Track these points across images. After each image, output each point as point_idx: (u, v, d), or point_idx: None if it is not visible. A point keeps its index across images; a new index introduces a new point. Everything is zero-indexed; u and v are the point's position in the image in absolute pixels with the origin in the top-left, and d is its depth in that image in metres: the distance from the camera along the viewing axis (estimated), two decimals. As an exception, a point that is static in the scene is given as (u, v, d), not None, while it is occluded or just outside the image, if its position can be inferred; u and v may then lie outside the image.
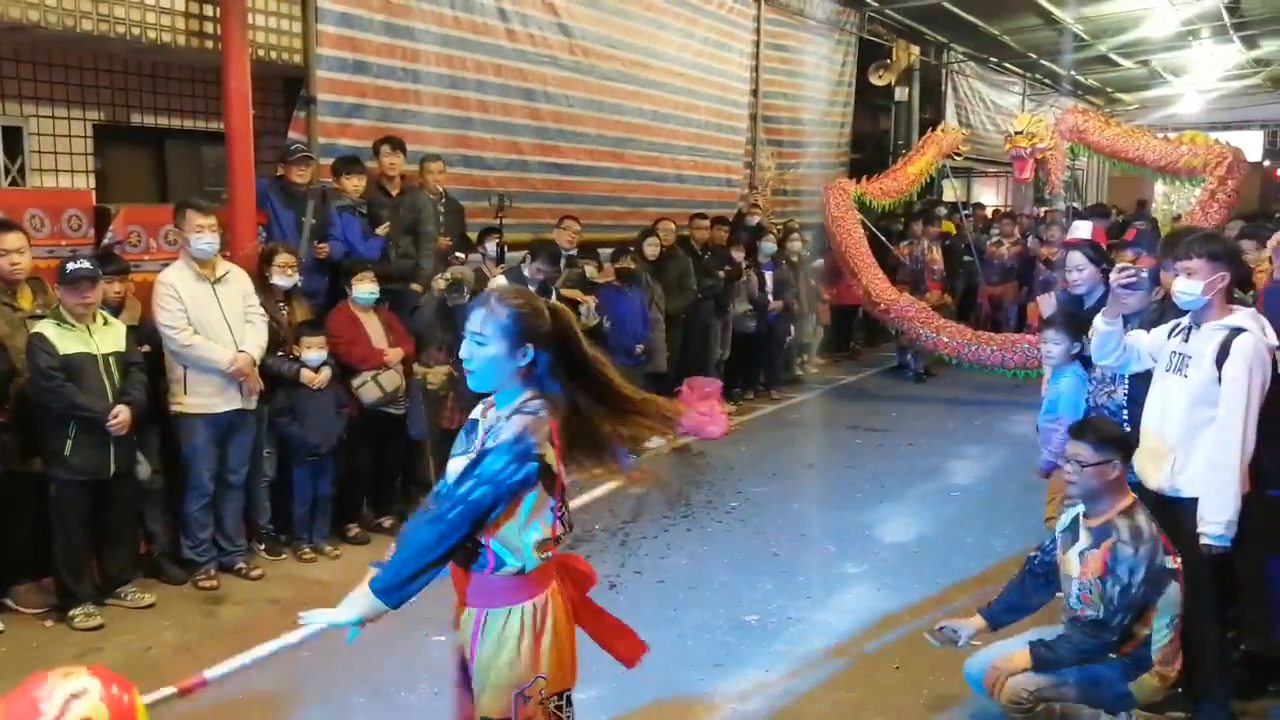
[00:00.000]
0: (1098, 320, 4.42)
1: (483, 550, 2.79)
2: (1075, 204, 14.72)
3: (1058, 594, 4.14)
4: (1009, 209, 18.01)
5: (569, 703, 3.01)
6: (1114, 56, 19.33)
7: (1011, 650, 4.02)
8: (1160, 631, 3.85)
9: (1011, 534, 6.76)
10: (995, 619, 4.19)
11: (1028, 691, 3.89)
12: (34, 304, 5.39)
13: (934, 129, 13.60)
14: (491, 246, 8.02)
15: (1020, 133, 11.34)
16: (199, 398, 5.71)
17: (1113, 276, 4.26)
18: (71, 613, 5.23)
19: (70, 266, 5.12)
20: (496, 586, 2.83)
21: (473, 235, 8.26)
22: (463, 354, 2.82)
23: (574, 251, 8.66)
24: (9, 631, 5.13)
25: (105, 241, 5.99)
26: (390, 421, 6.65)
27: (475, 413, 2.95)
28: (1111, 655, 3.87)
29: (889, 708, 4.55)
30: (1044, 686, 3.89)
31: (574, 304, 7.79)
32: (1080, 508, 4.05)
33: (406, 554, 2.72)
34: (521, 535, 2.79)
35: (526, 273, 7.60)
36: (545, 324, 2.82)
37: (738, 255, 10.57)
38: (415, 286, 7.35)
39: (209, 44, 6.87)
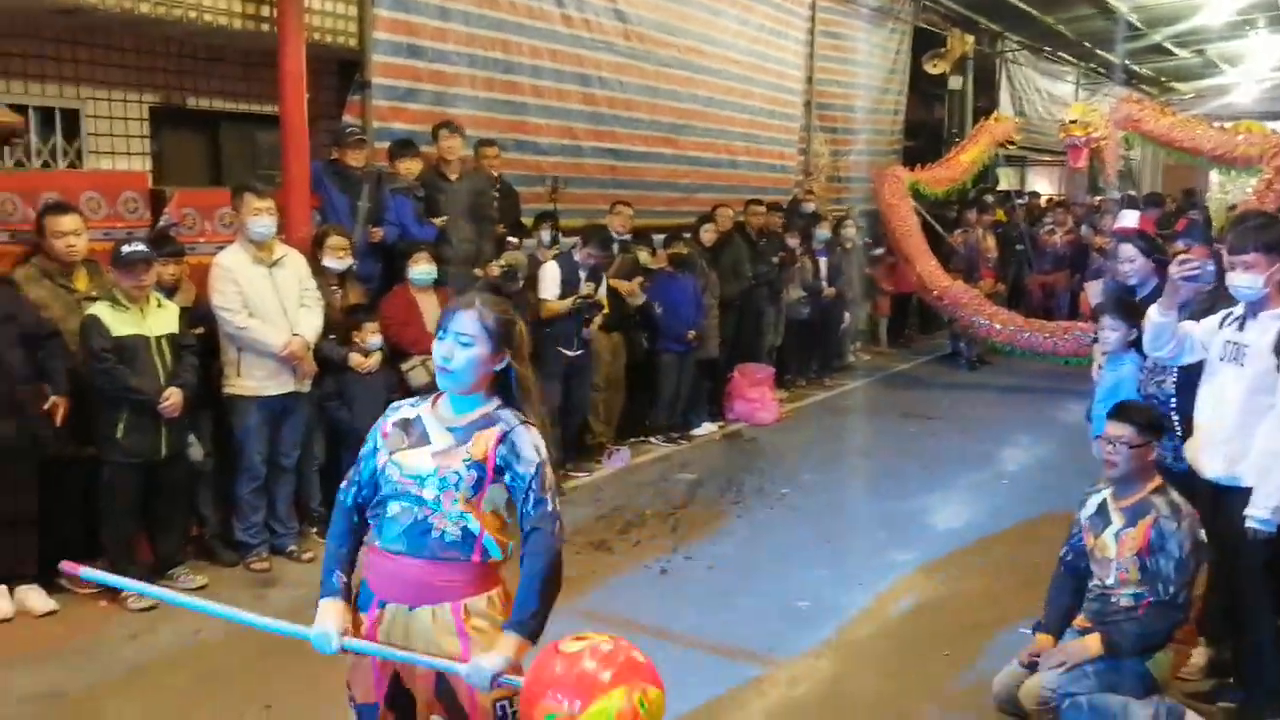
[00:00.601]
0: (1153, 311, 4.34)
1: (472, 543, 2.74)
2: (1130, 192, 14.49)
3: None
4: (1062, 198, 17.76)
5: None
6: (1169, 45, 18.99)
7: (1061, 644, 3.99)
8: None
9: (1062, 523, 6.59)
10: (1057, 630, 4.15)
11: (1050, 690, 3.85)
12: (89, 286, 5.43)
13: (987, 118, 13.43)
14: (546, 234, 8.02)
15: (1075, 121, 11.16)
16: (252, 380, 5.74)
17: (1173, 268, 4.17)
18: (124, 593, 5.27)
19: (125, 249, 5.16)
20: (475, 574, 2.77)
21: (528, 221, 8.26)
22: (443, 353, 2.77)
23: (627, 237, 8.62)
24: (64, 611, 5.18)
25: (160, 224, 6.03)
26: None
27: (408, 410, 2.87)
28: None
29: (938, 694, 4.49)
30: (1065, 682, 3.86)
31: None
32: (1106, 492, 4.08)
33: (549, 590, 2.73)
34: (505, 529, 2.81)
35: (577, 257, 7.57)
36: (521, 338, 2.85)
37: (792, 242, 10.50)
38: (476, 271, 7.35)
39: (264, 27, 6.90)
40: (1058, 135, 11.98)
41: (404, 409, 2.90)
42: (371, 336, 6.16)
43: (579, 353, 7.49)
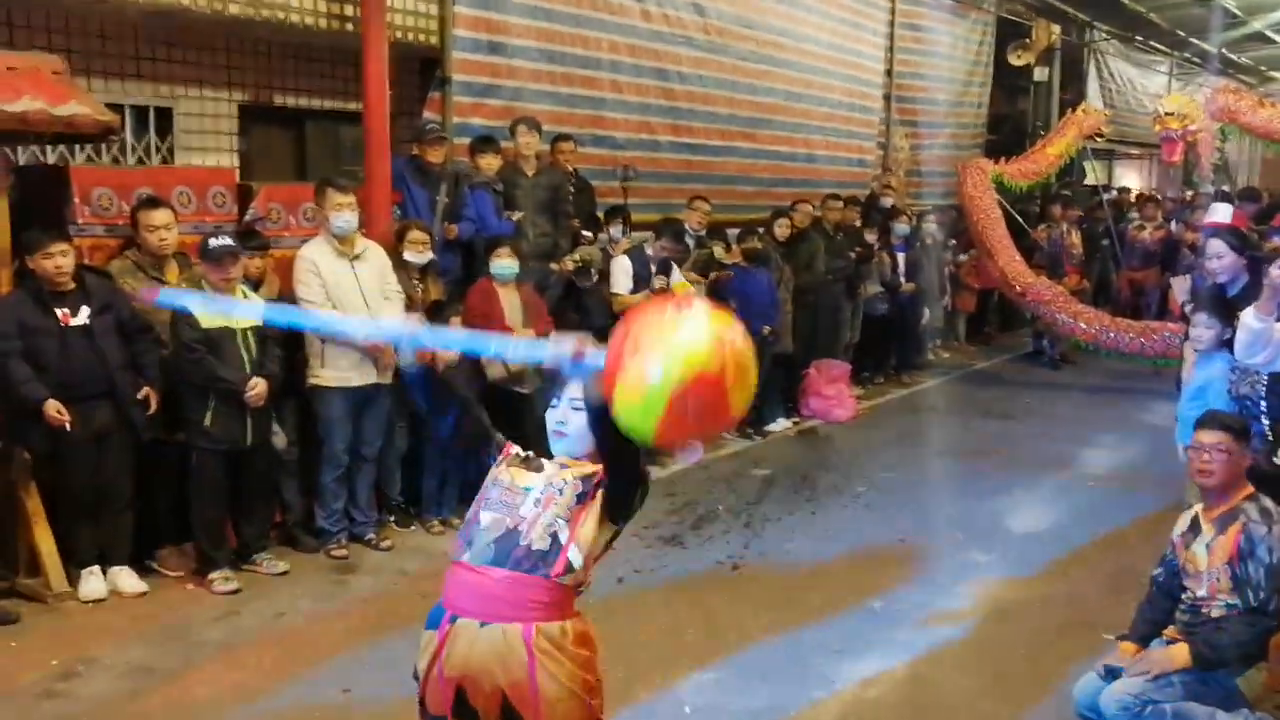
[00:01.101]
0: (1248, 315, 4.21)
1: (557, 554, 2.73)
2: (1224, 187, 14.08)
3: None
4: (1152, 192, 17.33)
5: None
6: (1269, 33, 18.41)
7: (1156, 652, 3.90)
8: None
9: (1148, 527, 6.50)
10: (1142, 642, 4.06)
11: (1132, 696, 3.75)
12: (180, 278, 5.60)
13: (1074, 110, 13.16)
14: (617, 228, 8.03)
15: (1171, 113, 10.85)
16: (336, 371, 5.86)
17: (1273, 271, 4.04)
18: (210, 576, 5.43)
19: (212, 243, 5.30)
20: (552, 596, 2.74)
21: (603, 216, 8.30)
22: (558, 417, 2.82)
23: (703, 232, 8.61)
24: (153, 593, 5.36)
25: (247, 218, 6.17)
26: (518, 399, 6.71)
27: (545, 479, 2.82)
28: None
29: (1015, 697, 4.43)
30: (1149, 689, 3.76)
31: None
32: (1198, 506, 3.99)
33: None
34: (600, 548, 2.80)
35: (650, 251, 7.58)
36: None
37: (870, 237, 10.40)
38: (554, 266, 7.40)
39: (349, 26, 7.03)
40: (1152, 128, 11.67)
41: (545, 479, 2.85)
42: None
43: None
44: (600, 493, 2.78)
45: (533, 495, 2.79)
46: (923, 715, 4.29)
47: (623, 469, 2.74)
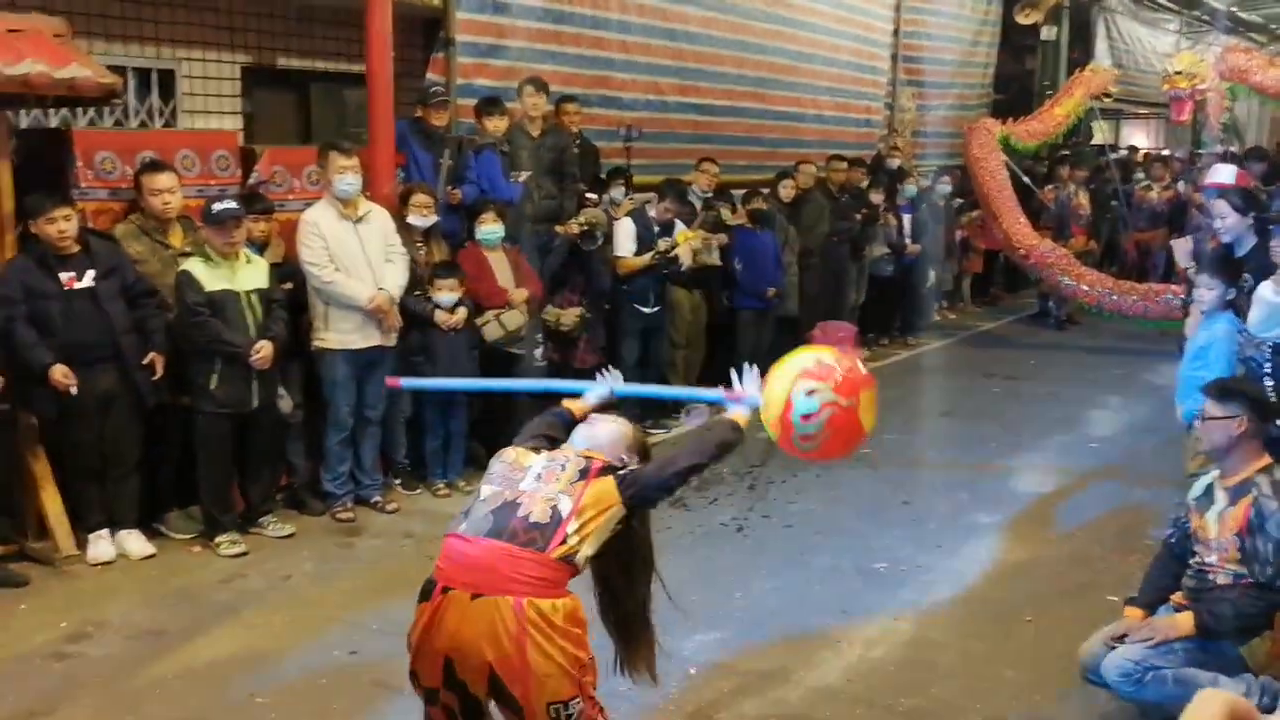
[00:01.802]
0: (1265, 289, 4.16)
1: (556, 528, 2.75)
2: (1233, 148, 13.95)
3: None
4: (1159, 152, 17.19)
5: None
6: (1280, -11, 18.19)
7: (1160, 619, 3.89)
8: None
9: (1152, 488, 6.52)
10: (1149, 607, 4.03)
11: (1133, 662, 3.75)
12: (184, 242, 5.59)
13: (1083, 69, 13.04)
14: (618, 191, 7.96)
15: (1180, 73, 10.77)
16: (339, 334, 5.86)
17: None
18: (217, 540, 5.45)
19: (216, 206, 5.28)
20: (547, 572, 2.74)
21: (605, 177, 8.25)
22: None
23: (710, 195, 8.57)
24: (160, 556, 5.39)
25: (251, 181, 6.15)
26: (513, 360, 6.71)
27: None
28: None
29: (1020, 659, 4.45)
30: (1150, 655, 3.75)
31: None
32: (1215, 472, 3.94)
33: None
34: (602, 533, 2.83)
35: (653, 213, 7.54)
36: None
37: (876, 198, 10.34)
38: (559, 228, 7.37)
39: (352, -14, 6.97)
40: (1161, 87, 11.58)
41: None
42: (448, 293, 6.20)
43: (655, 309, 7.47)
44: (608, 473, 2.83)
45: (534, 471, 2.84)
46: (928, 676, 4.31)
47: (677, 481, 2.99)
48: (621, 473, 2.89)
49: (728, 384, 3.19)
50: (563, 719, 2.75)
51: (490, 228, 6.58)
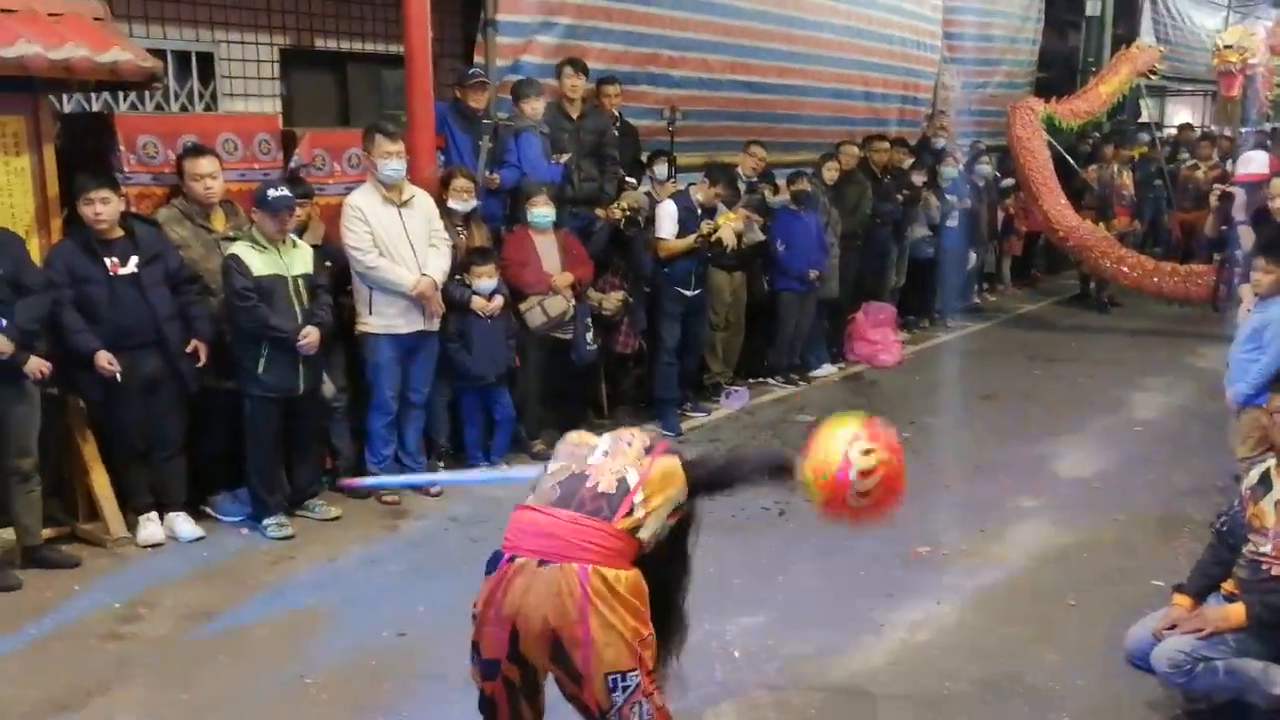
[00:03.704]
0: None
1: (622, 498, 2.83)
2: (1267, 126, 13.67)
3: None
4: (1206, 129, 16.89)
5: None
6: (1333, -38, 17.82)
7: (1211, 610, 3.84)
8: None
9: (1197, 472, 6.46)
10: (1199, 595, 3.97)
11: (1183, 653, 3.71)
12: (226, 226, 5.61)
13: (1128, 46, 12.83)
14: (661, 169, 7.93)
15: (1230, 47, 10.58)
16: (383, 318, 5.88)
17: None
18: (265, 522, 5.50)
19: (271, 193, 5.28)
20: (612, 542, 2.82)
21: (646, 158, 8.20)
22: None
23: (756, 178, 8.52)
24: (209, 538, 5.46)
25: (292, 165, 6.16)
26: (559, 344, 6.73)
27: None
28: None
29: (1063, 644, 4.42)
30: (1200, 646, 3.71)
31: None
32: (1270, 461, 3.87)
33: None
34: (662, 514, 2.90)
35: (698, 196, 7.50)
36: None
37: (918, 179, 10.24)
38: (600, 212, 7.35)
39: (390, -33, 6.97)
40: (1210, 62, 11.39)
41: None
42: (485, 279, 6.21)
43: (696, 292, 7.45)
44: (673, 454, 2.93)
45: (601, 448, 2.92)
46: (971, 660, 4.30)
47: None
48: (689, 457, 2.98)
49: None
50: (620, 689, 2.80)
51: (542, 210, 6.58)
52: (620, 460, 2.90)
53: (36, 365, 4.81)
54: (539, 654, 2.85)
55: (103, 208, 5.07)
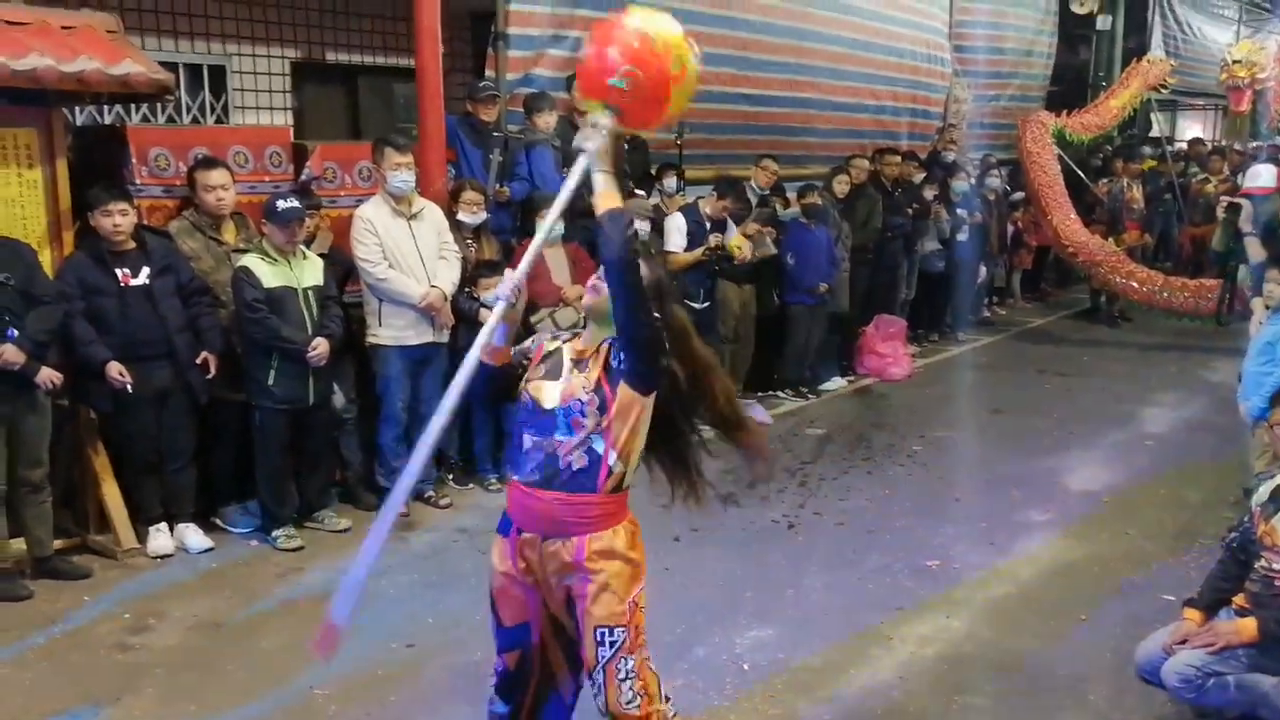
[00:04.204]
0: None
1: (598, 467, 2.90)
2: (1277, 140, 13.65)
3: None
4: (1217, 144, 16.88)
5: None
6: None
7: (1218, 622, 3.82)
8: None
9: (1209, 486, 6.44)
10: (1210, 610, 3.95)
11: (1194, 669, 3.69)
12: (237, 238, 5.64)
13: (1139, 60, 12.83)
14: (670, 182, 7.95)
15: (1239, 61, 10.58)
16: (393, 330, 5.89)
17: None
18: (274, 533, 5.51)
19: (281, 205, 5.31)
20: (601, 509, 2.94)
21: (655, 171, 8.22)
22: (592, 282, 3.02)
23: (767, 191, 8.51)
24: (219, 549, 5.46)
25: (303, 177, 6.18)
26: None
27: (553, 343, 3.17)
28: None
29: (1074, 658, 4.40)
30: (1211, 661, 3.69)
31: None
32: (1279, 476, 3.85)
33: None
34: (637, 436, 2.95)
35: (707, 209, 7.51)
36: (667, 289, 3.10)
37: (929, 193, 10.24)
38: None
39: (400, -20, 7.01)
40: (1219, 77, 11.38)
41: (554, 339, 3.17)
42: (491, 292, 6.20)
43: (704, 305, 7.45)
44: (611, 375, 2.91)
45: (560, 421, 2.94)
46: (981, 673, 4.27)
47: (637, 329, 2.86)
48: (617, 367, 2.93)
49: None
50: (606, 644, 2.93)
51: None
52: (581, 433, 2.90)
53: (47, 375, 4.83)
54: (560, 610, 3.06)
55: (121, 219, 5.10)
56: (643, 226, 6.95)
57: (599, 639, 2.94)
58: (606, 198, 2.86)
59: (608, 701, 2.96)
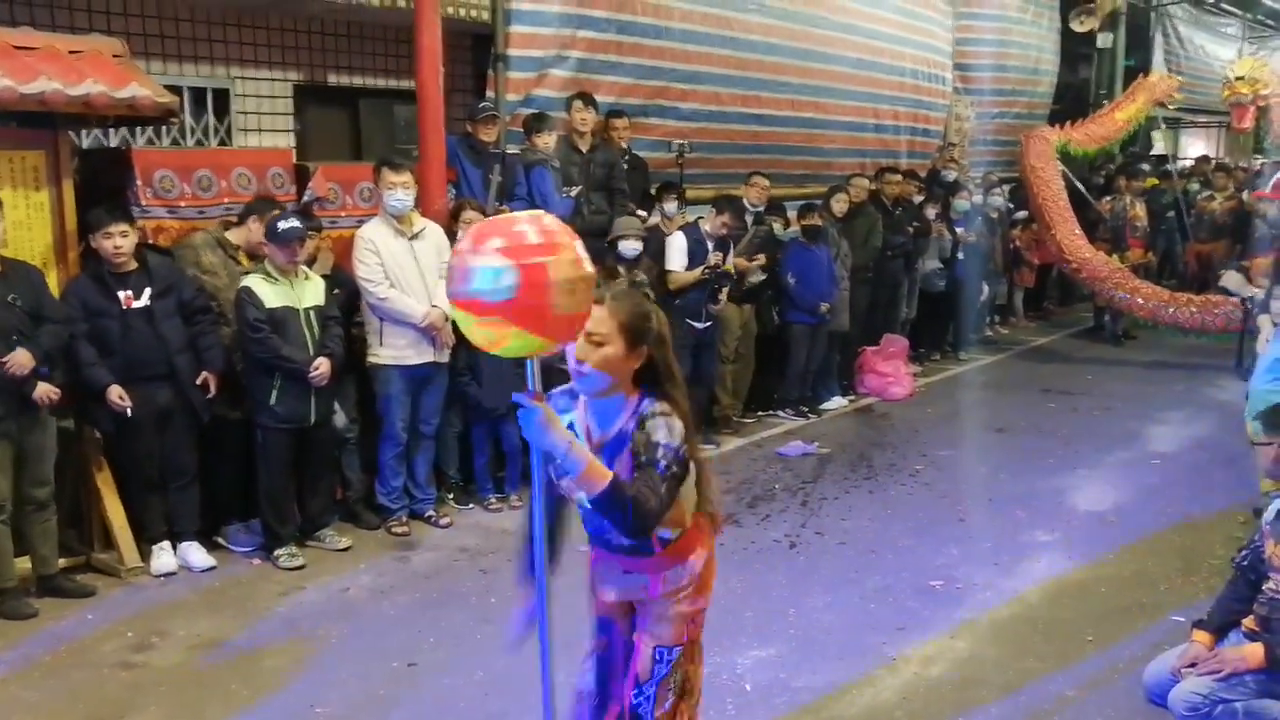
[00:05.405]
0: None
1: (649, 540, 2.82)
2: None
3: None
4: (1221, 161, 16.89)
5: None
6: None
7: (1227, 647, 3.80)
8: None
9: (1217, 505, 6.41)
10: (1219, 631, 3.93)
11: (1200, 696, 3.66)
12: (250, 262, 5.67)
13: (1145, 75, 12.83)
14: (671, 206, 7.94)
15: (1242, 78, 10.62)
16: (394, 350, 5.90)
17: None
18: (276, 552, 5.52)
19: (281, 225, 5.34)
20: (665, 560, 2.87)
21: (655, 191, 8.23)
22: (576, 355, 2.66)
23: (761, 208, 8.54)
24: (221, 567, 5.46)
25: (305, 198, 6.22)
26: (569, 377, 6.70)
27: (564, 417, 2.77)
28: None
29: (1080, 679, 4.36)
30: (1219, 688, 3.67)
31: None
32: None
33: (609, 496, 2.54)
34: (686, 509, 2.86)
35: (708, 228, 7.52)
36: (659, 326, 2.74)
37: (930, 212, 10.25)
38: (608, 244, 7.35)
39: (402, 3, 7.04)
40: (1222, 94, 11.40)
41: (564, 413, 2.85)
42: None
43: (707, 325, 7.46)
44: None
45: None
46: (985, 695, 4.24)
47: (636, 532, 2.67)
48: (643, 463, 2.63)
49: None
50: (664, 661, 2.90)
51: None
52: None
53: (44, 391, 4.84)
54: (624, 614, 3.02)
55: (123, 241, 5.12)
56: (634, 247, 6.95)
57: (657, 657, 2.90)
58: (591, 477, 2.52)
59: (654, 712, 2.92)
